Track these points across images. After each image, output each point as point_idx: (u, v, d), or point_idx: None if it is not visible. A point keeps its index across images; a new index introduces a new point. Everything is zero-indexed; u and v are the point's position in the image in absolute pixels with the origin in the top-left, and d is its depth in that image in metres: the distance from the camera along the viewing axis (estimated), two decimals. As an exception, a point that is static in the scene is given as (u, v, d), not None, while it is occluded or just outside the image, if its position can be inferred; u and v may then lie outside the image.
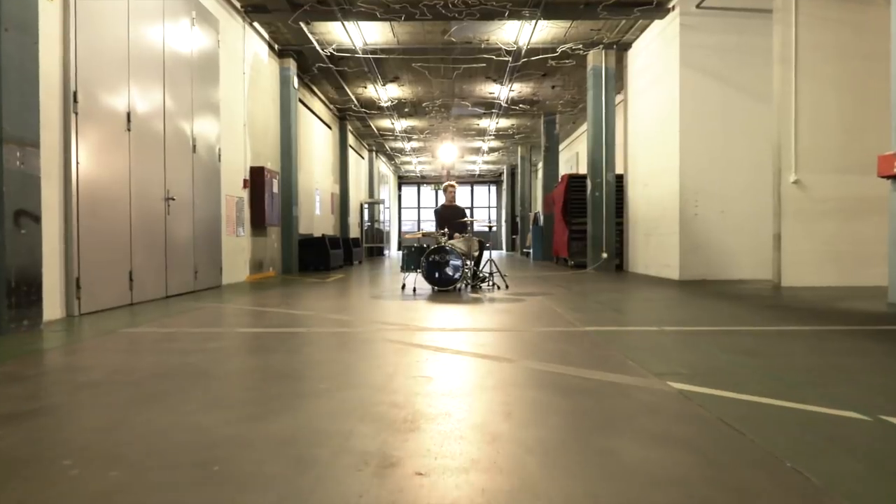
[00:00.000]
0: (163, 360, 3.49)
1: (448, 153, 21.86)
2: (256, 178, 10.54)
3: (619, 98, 13.02)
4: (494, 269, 8.52)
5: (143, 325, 4.90)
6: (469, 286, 8.34)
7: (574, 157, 21.53)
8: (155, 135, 6.98)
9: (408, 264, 8.19)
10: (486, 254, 9.03)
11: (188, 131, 7.86)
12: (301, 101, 13.93)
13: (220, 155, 8.90)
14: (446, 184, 9.23)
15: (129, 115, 6.36)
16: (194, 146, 8.02)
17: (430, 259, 7.75)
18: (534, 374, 3.10)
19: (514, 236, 29.64)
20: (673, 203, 10.00)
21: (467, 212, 9.13)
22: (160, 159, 7.10)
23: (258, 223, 10.60)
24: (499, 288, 8.30)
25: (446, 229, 8.28)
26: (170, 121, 7.32)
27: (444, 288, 7.81)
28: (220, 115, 8.99)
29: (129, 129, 6.36)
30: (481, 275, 8.50)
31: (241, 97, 10.19)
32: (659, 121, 10.72)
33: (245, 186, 10.26)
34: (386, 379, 2.98)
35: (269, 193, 10.78)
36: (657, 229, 10.80)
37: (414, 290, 8.08)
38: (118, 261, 6.18)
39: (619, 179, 12.76)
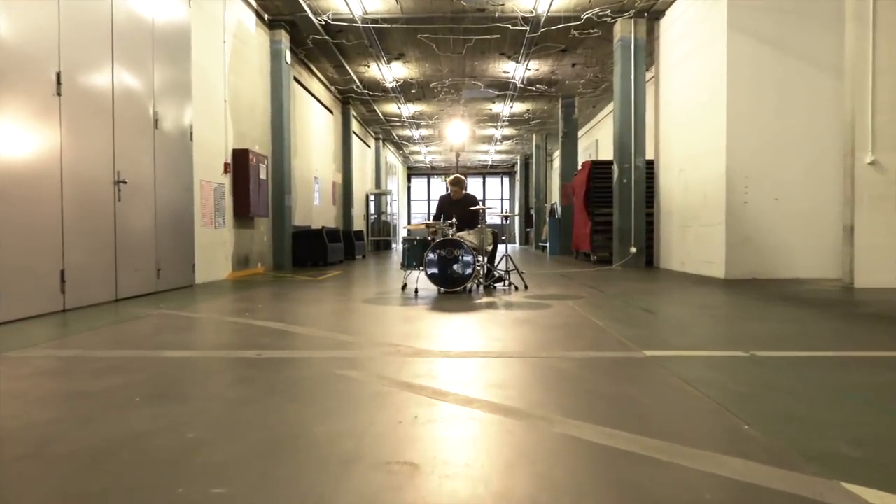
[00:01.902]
0: (4, 415, 2.23)
1: (457, 133, 20.24)
2: (240, 162, 9.28)
3: (648, 75, 11.61)
4: (511, 267, 7.20)
5: (42, 345, 3.66)
6: (481, 286, 7.05)
7: (593, 144, 20.11)
8: (100, 103, 5.73)
9: (409, 260, 6.89)
10: (500, 248, 7.69)
11: (148, 102, 6.61)
12: (297, 80, 12.65)
13: (191, 133, 7.64)
14: (453, 176, 7.63)
15: (58, 75, 5.10)
16: (156, 121, 6.77)
17: (436, 254, 6.46)
18: (593, 454, 1.80)
19: (528, 229, 28.23)
20: (718, 190, 8.62)
21: (480, 203, 7.66)
22: (107, 134, 5.84)
23: (242, 213, 9.35)
24: (517, 289, 7.00)
25: (454, 219, 6.95)
26: (121, 88, 6.06)
27: (452, 289, 6.52)
28: (193, 88, 7.72)
29: (59, 94, 5.11)
30: (496, 273, 7.21)
31: (222, 69, 8.93)
32: (700, 96, 9.32)
33: (226, 171, 9.00)
34: (338, 472, 1.70)
35: (254, 180, 9.51)
36: (697, 220, 9.42)
37: (416, 291, 6.79)
38: (43, 257, 4.94)
39: (649, 165, 11.37)
